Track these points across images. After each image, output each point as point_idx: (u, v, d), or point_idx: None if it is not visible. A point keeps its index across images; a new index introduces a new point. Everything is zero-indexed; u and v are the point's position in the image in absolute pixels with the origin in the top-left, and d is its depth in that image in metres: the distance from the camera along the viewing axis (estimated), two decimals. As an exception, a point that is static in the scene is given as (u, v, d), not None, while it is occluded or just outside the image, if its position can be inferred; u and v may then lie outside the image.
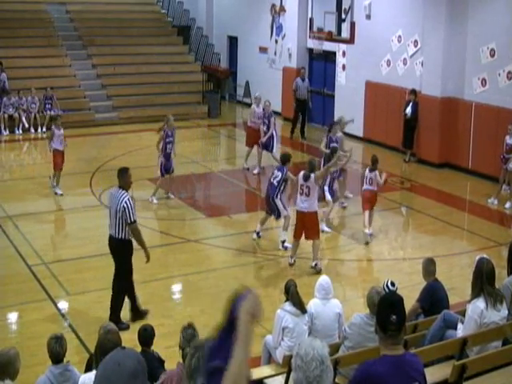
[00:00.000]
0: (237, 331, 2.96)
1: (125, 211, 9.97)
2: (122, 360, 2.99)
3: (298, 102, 23.27)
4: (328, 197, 14.84)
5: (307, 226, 12.54)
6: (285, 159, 13.70)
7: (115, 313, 10.15)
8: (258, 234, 13.88)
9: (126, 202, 9.99)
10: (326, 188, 14.80)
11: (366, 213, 13.99)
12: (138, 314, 10.41)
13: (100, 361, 5.62)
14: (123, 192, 10.18)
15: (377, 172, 14.15)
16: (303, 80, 23.46)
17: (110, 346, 5.78)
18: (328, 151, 15.13)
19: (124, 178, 10.39)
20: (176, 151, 16.41)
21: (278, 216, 13.63)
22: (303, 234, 12.58)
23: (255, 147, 18.95)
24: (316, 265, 12.45)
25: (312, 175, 12.42)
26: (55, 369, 6.64)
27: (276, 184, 13.37)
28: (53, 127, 16.83)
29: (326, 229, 14.40)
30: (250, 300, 3.03)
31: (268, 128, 18.64)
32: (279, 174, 13.41)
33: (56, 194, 16.37)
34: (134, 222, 10.11)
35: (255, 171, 18.66)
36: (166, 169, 16.13)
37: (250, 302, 3.01)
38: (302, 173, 12.63)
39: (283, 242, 13.48)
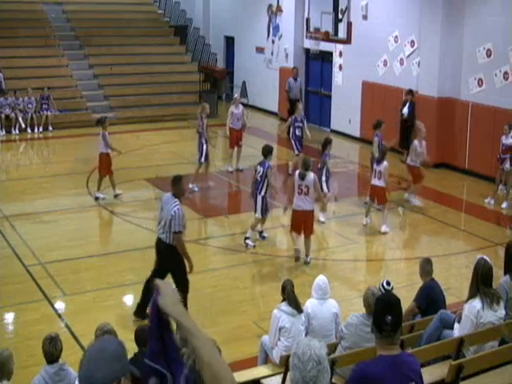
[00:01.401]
0: (171, 327, 3.01)
1: (172, 219, 9.92)
2: (104, 346, 3.08)
3: (291, 102, 23.27)
4: (325, 188, 14.87)
5: (307, 224, 12.66)
6: (266, 152, 13.63)
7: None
8: (260, 233, 13.92)
9: (174, 211, 9.93)
10: (324, 178, 14.85)
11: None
12: (141, 312, 10.31)
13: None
14: (175, 200, 10.10)
15: (385, 163, 14.35)
16: (296, 80, 23.47)
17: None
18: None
19: (178, 185, 10.31)
20: (173, 151, 16.47)
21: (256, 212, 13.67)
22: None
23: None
24: (310, 260, 12.73)
25: (310, 174, 12.45)
26: (50, 368, 6.65)
27: (259, 179, 13.43)
28: (102, 131, 16.31)
29: (322, 219, 14.68)
30: (165, 291, 3.05)
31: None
32: (261, 169, 13.43)
33: (97, 198, 16.13)
34: (179, 232, 10.04)
35: (230, 169, 18.94)
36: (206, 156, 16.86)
37: (167, 294, 3.05)
38: (297, 172, 12.67)
39: (246, 238, 13.58)
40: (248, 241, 13.53)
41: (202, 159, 17.06)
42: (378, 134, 16.02)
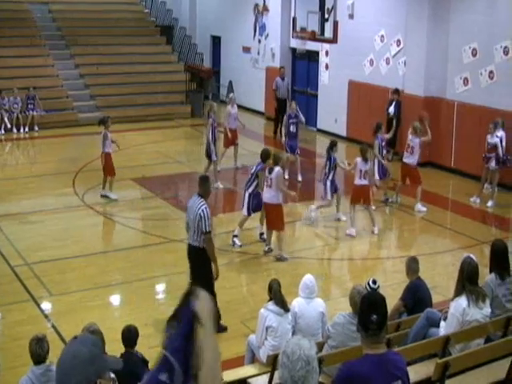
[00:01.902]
0: (195, 328, 3.01)
1: (201, 220, 9.82)
2: (77, 351, 3.07)
3: (278, 102, 23.27)
4: (328, 194, 14.81)
5: (269, 217, 12.95)
6: (264, 156, 13.60)
7: None
8: (261, 235, 13.88)
9: (202, 211, 9.84)
10: (328, 183, 14.75)
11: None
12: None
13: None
14: (202, 200, 10.01)
15: (370, 162, 14.48)
16: (283, 79, 23.49)
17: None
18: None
19: (205, 186, 10.22)
20: (159, 151, 16.46)
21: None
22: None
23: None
24: (270, 249, 13.03)
25: (276, 168, 12.65)
26: (37, 369, 6.63)
27: (249, 177, 13.59)
28: (104, 131, 16.28)
29: (312, 215, 14.77)
30: (203, 297, 3.07)
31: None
32: (254, 167, 13.56)
33: (104, 196, 16.14)
34: (209, 232, 9.92)
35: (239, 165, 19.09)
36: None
37: (204, 299, 3.07)
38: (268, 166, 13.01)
39: (234, 236, 13.66)
40: (235, 239, 13.55)
41: (214, 157, 17.22)
42: (378, 136, 16.06)
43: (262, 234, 13.79)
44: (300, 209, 16.15)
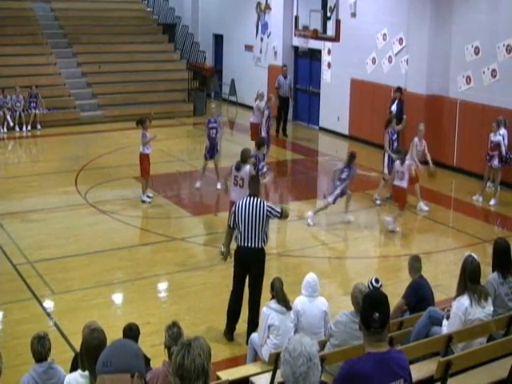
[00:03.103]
0: None
1: (271, 211, 9.70)
2: (127, 342, 3.54)
3: (280, 100, 23.27)
4: (331, 197, 14.64)
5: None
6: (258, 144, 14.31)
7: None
8: None
9: (268, 206, 9.75)
10: (338, 190, 14.60)
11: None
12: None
13: (84, 359, 5.60)
14: (260, 199, 9.84)
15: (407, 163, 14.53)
16: (285, 78, 23.48)
17: (95, 344, 5.76)
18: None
19: (257, 186, 10.13)
20: (161, 149, 16.45)
21: None
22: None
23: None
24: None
25: (245, 166, 12.48)
26: (39, 367, 6.63)
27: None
28: (143, 131, 15.98)
29: (309, 221, 14.63)
30: None
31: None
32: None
33: (144, 202, 15.95)
34: (282, 211, 9.96)
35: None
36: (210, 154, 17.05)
37: None
38: (234, 163, 12.75)
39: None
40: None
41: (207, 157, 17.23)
42: (389, 130, 16.07)
43: None
44: (302, 208, 16.15)
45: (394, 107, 19.81)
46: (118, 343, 3.44)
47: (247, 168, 12.56)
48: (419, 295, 8.76)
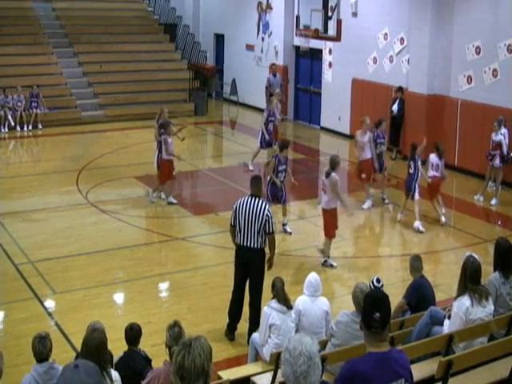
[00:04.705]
0: None
1: (268, 221, 9.59)
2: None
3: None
4: (416, 195, 14.75)
5: (323, 222, 12.82)
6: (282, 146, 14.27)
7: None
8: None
9: (268, 211, 9.66)
10: (417, 185, 14.83)
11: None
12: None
13: (84, 358, 5.59)
14: (262, 201, 9.83)
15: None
16: (275, 76, 23.47)
17: (95, 344, 5.77)
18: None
19: (259, 186, 10.06)
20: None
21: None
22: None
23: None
24: (325, 261, 12.70)
25: (331, 174, 12.45)
26: (40, 367, 6.63)
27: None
28: (164, 136, 15.70)
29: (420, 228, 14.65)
30: None
31: None
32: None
33: (172, 203, 15.90)
34: (273, 232, 9.81)
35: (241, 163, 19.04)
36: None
37: None
38: (324, 171, 12.78)
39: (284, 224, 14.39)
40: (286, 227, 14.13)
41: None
42: (376, 132, 16.06)
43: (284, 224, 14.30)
44: (303, 207, 16.16)
45: (395, 107, 19.84)
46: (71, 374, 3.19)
47: (333, 176, 12.46)
48: (420, 295, 8.76)
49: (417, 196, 14.68)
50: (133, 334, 7.53)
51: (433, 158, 14.94)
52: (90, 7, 28.26)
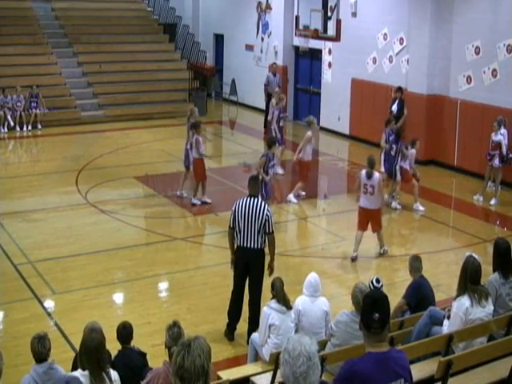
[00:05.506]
0: None
1: (268, 221, 9.58)
2: None
3: (269, 97, 23.21)
4: (398, 176, 15.64)
5: (372, 221, 13.11)
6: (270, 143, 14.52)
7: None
8: None
9: (268, 211, 9.65)
10: (398, 167, 15.64)
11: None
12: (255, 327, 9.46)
13: (83, 360, 5.59)
14: (262, 201, 9.82)
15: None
16: (274, 75, 23.48)
17: (93, 345, 5.76)
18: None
19: (256, 186, 10.06)
20: (162, 149, 16.42)
21: None
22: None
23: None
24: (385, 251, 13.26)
25: (375, 174, 12.60)
26: (39, 368, 6.61)
27: None
28: (196, 136, 15.79)
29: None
30: None
31: None
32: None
33: (194, 205, 15.86)
34: (273, 232, 9.78)
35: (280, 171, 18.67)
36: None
37: None
38: (364, 171, 12.78)
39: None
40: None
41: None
42: (387, 130, 16.34)
43: None
44: (303, 207, 16.16)
45: (394, 107, 19.82)
46: None
47: (377, 176, 12.59)
48: (420, 295, 8.76)
49: (398, 177, 15.60)
50: (125, 332, 7.55)
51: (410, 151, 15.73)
52: (89, 7, 28.25)
